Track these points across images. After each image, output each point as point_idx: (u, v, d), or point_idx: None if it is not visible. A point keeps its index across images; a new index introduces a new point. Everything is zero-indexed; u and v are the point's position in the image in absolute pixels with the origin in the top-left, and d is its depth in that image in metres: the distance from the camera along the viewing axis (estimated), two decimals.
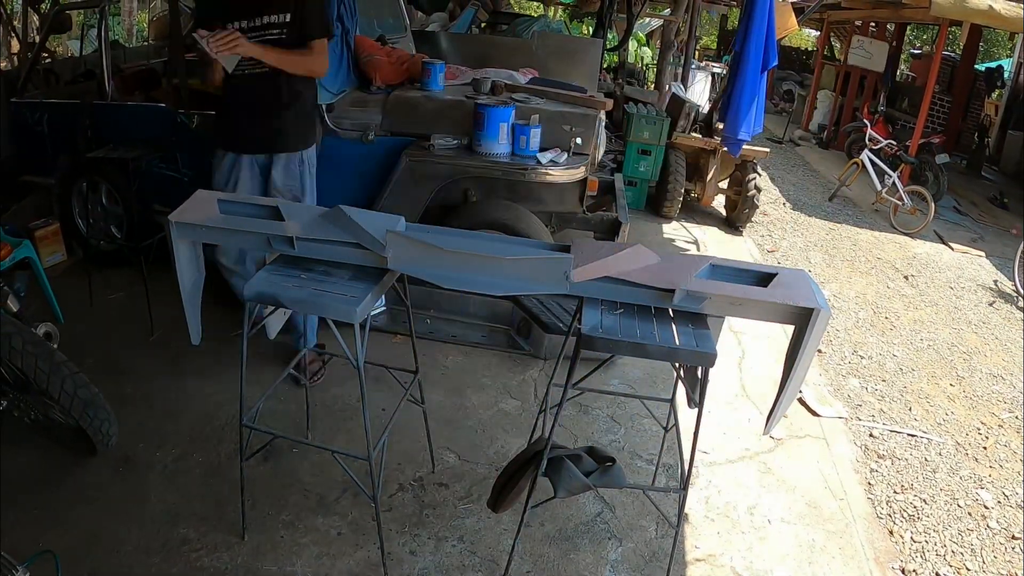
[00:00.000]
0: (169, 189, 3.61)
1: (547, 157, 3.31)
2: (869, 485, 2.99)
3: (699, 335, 1.83)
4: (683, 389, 2.03)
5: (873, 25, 11.57)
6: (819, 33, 14.38)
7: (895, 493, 2.97)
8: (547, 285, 1.85)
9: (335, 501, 2.42)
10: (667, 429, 2.47)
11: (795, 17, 7.15)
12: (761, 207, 6.34)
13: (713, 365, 1.80)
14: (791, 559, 2.43)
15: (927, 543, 2.72)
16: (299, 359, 2.53)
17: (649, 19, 12.19)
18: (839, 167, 8.61)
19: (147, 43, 7.73)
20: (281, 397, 2.85)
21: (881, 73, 10.40)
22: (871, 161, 7.57)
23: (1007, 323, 5.10)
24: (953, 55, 12.23)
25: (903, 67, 13.87)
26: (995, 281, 5.98)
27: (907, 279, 5.72)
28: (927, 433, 3.47)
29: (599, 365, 2.43)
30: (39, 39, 4.72)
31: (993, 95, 12.19)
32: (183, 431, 2.69)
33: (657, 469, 2.70)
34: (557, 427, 1.94)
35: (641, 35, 13.63)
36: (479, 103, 3.31)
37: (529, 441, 2.48)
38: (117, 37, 9.39)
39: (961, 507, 2.96)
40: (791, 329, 1.83)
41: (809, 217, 7.16)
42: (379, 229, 1.86)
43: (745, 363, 3.72)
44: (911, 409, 3.68)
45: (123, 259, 3.83)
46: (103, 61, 3.72)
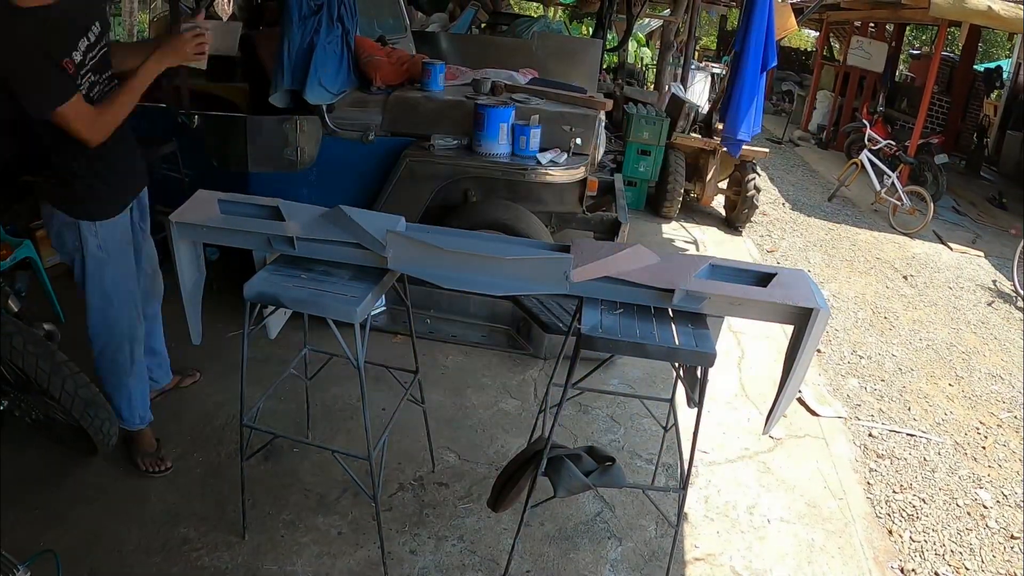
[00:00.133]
0: (170, 189, 3.60)
1: (547, 157, 3.32)
2: (868, 485, 3.00)
3: (698, 335, 1.84)
4: (683, 389, 2.03)
5: (872, 26, 11.60)
6: (818, 34, 14.40)
7: (894, 492, 2.98)
8: (547, 285, 1.86)
9: (335, 501, 2.42)
10: (667, 429, 2.47)
11: (794, 18, 7.17)
12: (760, 207, 6.35)
13: (712, 365, 1.81)
14: (790, 558, 2.44)
15: (926, 542, 2.72)
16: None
17: (649, 20, 12.20)
18: (838, 167, 8.62)
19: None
20: (281, 397, 2.86)
21: (880, 73, 10.42)
22: (870, 161, 7.58)
23: (1006, 323, 5.11)
24: (952, 55, 12.26)
25: (902, 67, 13.89)
26: (994, 281, 5.99)
27: (906, 279, 5.72)
28: (926, 433, 3.47)
29: (599, 365, 2.44)
30: None
31: (992, 95, 12.21)
32: (183, 431, 2.69)
33: (657, 469, 2.70)
34: (557, 427, 1.94)
35: (641, 36, 13.66)
36: (479, 103, 3.32)
37: (529, 441, 2.49)
38: (118, 37, 9.40)
39: (960, 507, 2.97)
40: (790, 329, 1.84)
41: (808, 217, 7.17)
42: (379, 229, 1.86)
43: (744, 363, 3.73)
44: (910, 409, 3.69)
45: None
46: None
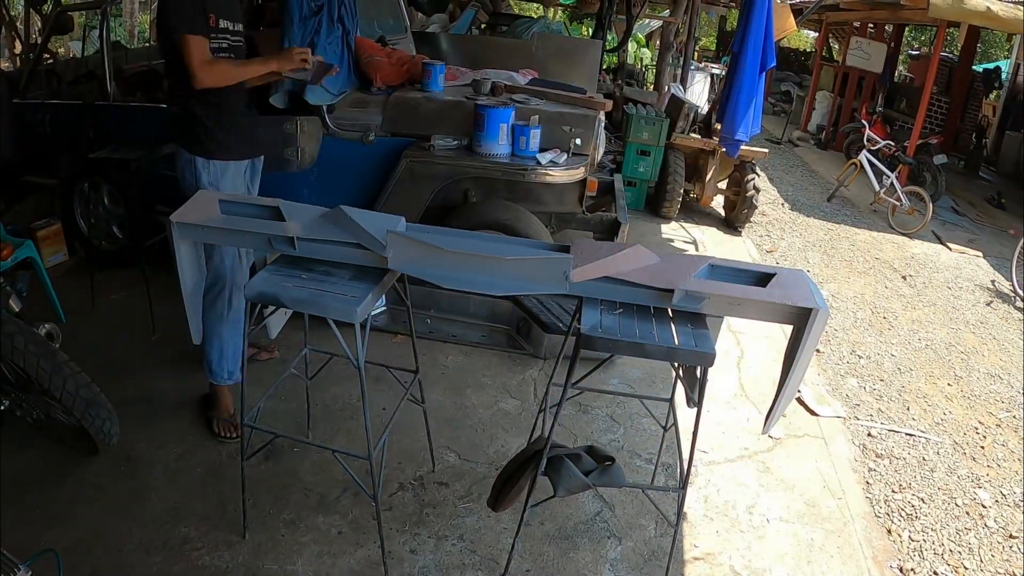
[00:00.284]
0: (170, 189, 3.61)
1: (547, 158, 3.32)
2: (867, 484, 3.00)
3: (698, 335, 1.84)
4: (682, 389, 2.04)
5: (871, 26, 11.60)
6: (817, 34, 14.40)
7: (893, 492, 2.98)
8: (547, 285, 1.86)
9: (336, 500, 2.42)
10: (666, 428, 2.48)
11: (793, 18, 7.19)
12: (760, 207, 6.36)
13: (712, 365, 1.81)
14: (789, 558, 2.44)
15: (925, 542, 2.73)
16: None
17: (648, 20, 12.20)
18: (837, 168, 8.62)
19: (149, 44, 7.74)
20: (282, 397, 2.86)
21: (879, 74, 10.42)
22: (869, 162, 7.58)
23: (1005, 323, 5.12)
24: (951, 56, 12.27)
25: (901, 68, 13.90)
26: (993, 281, 5.99)
27: (905, 279, 5.73)
28: (925, 432, 3.48)
29: (598, 365, 2.45)
30: (41, 40, 4.72)
31: (991, 96, 12.23)
32: (185, 430, 2.70)
33: (656, 468, 2.71)
34: (557, 426, 1.95)
35: (640, 36, 13.66)
36: (479, 104, 3.32)
37: (529, 440, 2.50)
38: (119, 38, 9.41)
39: (959, 506, 2.97)
40: (790, 329, 1.84)
41: (807, 217, 7.17)
42: (379, 229, 1.87)
43: (744, 363, 3.73)
44: (909, 408, 3.70)
45: (125, 259, 3.84)
46: (105, 62, 3.73)
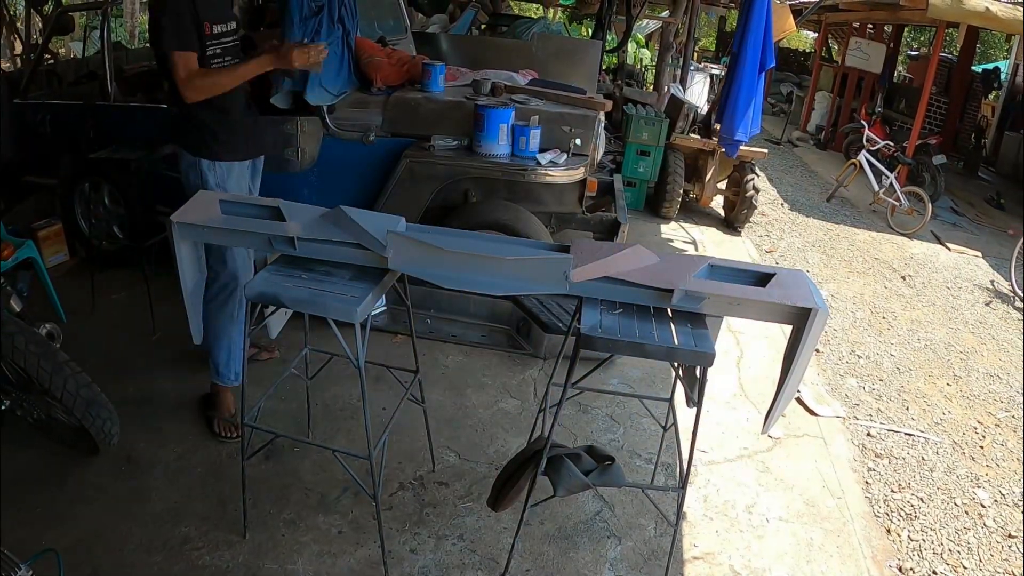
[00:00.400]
0: (171, 190, 3.62)
1: (547, 158, 3.33)
2: (867, 484, 3.01)
3: (698, 335, 1.85)
4: (682, 388, 2.05)
5: (870, 27, 11.61)
6: (817, 35, 14.42)
7: (892, 492, 2.99)
8: (547, 285, 1.87)
9: (336, 500, 2.43)
10: (666, 428, 2.48)
11: (793, 19, 7.20)
12: (759, 207, 6.36)
13: (711, 365, 1.82)
14: (789, 557, 2.45)
15: (924, 541, 2.74)
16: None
17: (648, 21, 12.21)
18: (837, 168, 8.63)
19: (149, 45, 7.73)
20: (282, 397, 2.86)
21: (878, 74, 10.43)
22: (868, 162, 7.59)
23: (1004, 323, 5.12)
24: (950, 57, 12.28)
25: (900, 69, 13.91)
26: (992, 281, 6.00)
27: (904, 279, 5.74)
28: (924, 432, 3.49)
29: (598, 365, 2.45)
30: (42, 40, 4.72)
31: (990, 96, 12.25)
32: (185, 430, 2.70)
33: (656, 468, 2.71)
34: (557, 426, 1.95)
35: (640, 37, 13.68)
36: (479, 104, 3.33)
37: (529, 440, 2.50)
38: (119, 39, 9.41)
39: (958, 506, 2.98)
40: (789, 329, 1.85)
41: (807, 217, 7.18)
42: (380, 229, 1.87)
43: (743, 363, 3.74)
44: (908, 408, 3.70)
45: (125, 259, 3.85)
46: (105, 62, 3.73)
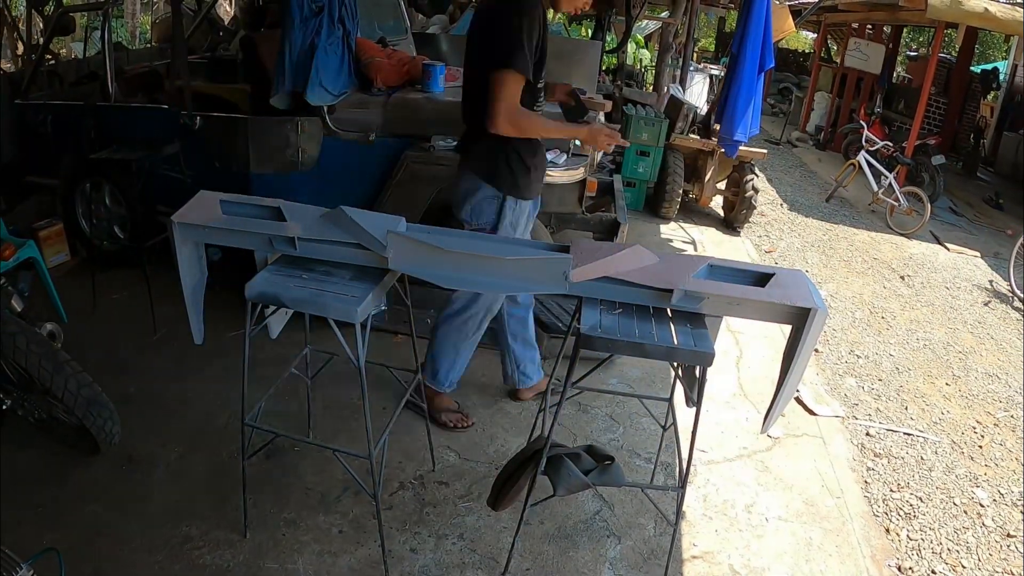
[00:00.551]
0: (172, 190, 3.63)
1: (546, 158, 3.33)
2: (866, 483, 3.02)
3: (697, 335, 1.85)
4: (681, 388, 2.05)
5: (870, 27, 11.62)
6: (816, 35, 14.43)
7: (891, 491, 3.00)
8: (546, 285, 1.87)
9: (336, 499, 2.43)
10: (665, 428, 2.49)
11: (792, 19, 7.20)
12: (759, 208, 6.37)
13: (711, 364, 1.82)
14: (788, 556, 2.46)
15: (923, 541, 2.74)
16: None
17: (648, 21, 12.21)
18: (836, 168, 8.64)
19: (150, 45, 7.75)
20: (283, 396, 2.86)
21: (878, 75, 10.44)
22: (868, 162, 7.61)
23: (1002, 323, 5.13)
24: (949, 57, 12.29)
25: (899, 69, 13.93)
26: (990, 281, 6.01)
27: (903, 279, 5.75)
28: (923, 432, 3.49)
29: (598, 364, 2.46)
30: (43, 41, 4.72)
31: (988, 97, 12.27)
32: (186, 430, 2.71)
33: (656, 467, 2.72)
34: (556, 426, 1.95)
35: (640, 37, 13.68)
36: None
37: (529, 440, 2.51)
38: (120, 39, 9.42)
39: (957, 505, 2.99)
40: (788, 329, 1.85)
41: (806, 218, 7.19)
42: (380, 229, 1.87)
43: (743, 362, 3.74)
44: (907, 408, 3.71)
45: (126, 259, 3.85)
46: (106, 63, 3.73)
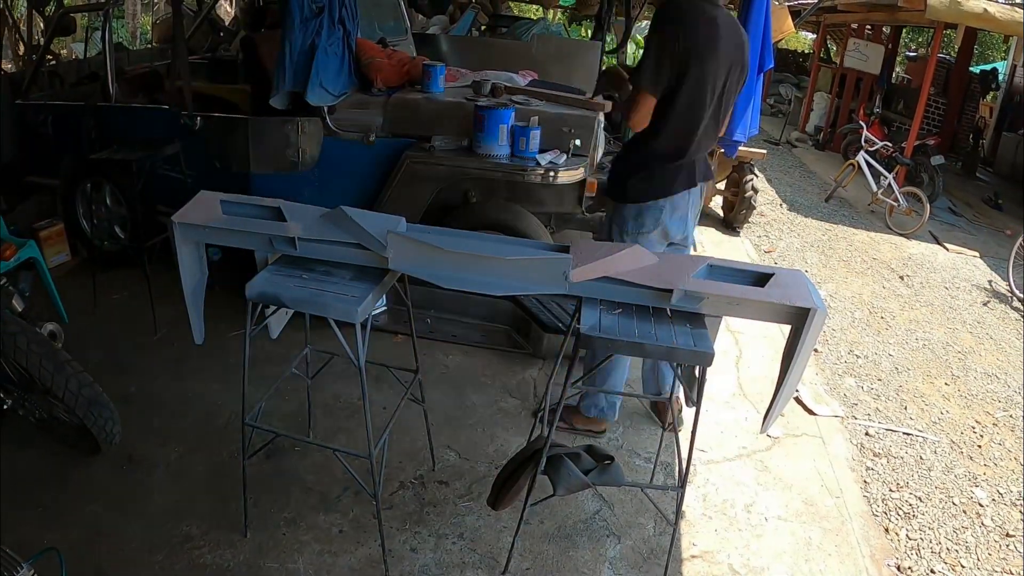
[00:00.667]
0: (172, 190, 3.63)
1: (546, 159, 3.34)
2: (865, 483, 3.02)
3: (697, 335, 1.86)
4: (681, 388, 2.06)
5: (869, 28, 11.62)
6: (815, 36, 14.44)
7: (891, 491, 3.00)
8: (546, 285, 1.88)
9: (336, 499, 2.44)
10: (665, 428, 2.50)
11: (791, 20, 7.19)
12: (758, 208, 6.37)
13: (711, 364, 1.83)
14: (787, 556, 2.46)
15: (922, 540, 2.75)
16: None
17: (648, 22, 12.23)
18: (835, 168, 8.64)
19: (151, 46, 7.75)
20: (283, 396, 2.87)
21: (877, 75, 10.44)
22: (867, 163, 7.61)
23: (1001, 323, 5.14)
24: (948, 58, 12.28)
25: (898, 69, 13.92)
26: (989, 281, 6.02)
27: (902, 279, 5.75)
28: (922, 432, 3.50)
29: (598, 364, 2.46)
30: (44, 42, 4.72)
31: (988, 97, 12.27)
32: (186, 429, 2.71)
33: (655, 467, 2.72)
34: (556, 425, 1.96)
35: (640, 38, 13.67)
36: (479, 105, 3.34)
37: (528, 439, 2.51)
38: (121, 40, 9.43)
39: (956, 505, 2.99)
40: (788, 329, 1.86)
41: (805, 218, 7.19)
42: (380, 230, 1.88)
43: (742, 362, 3.75)
44: (906, 408, 3.71)
45: (127, 259, 3.86)
46: (107, 63, 3.74)
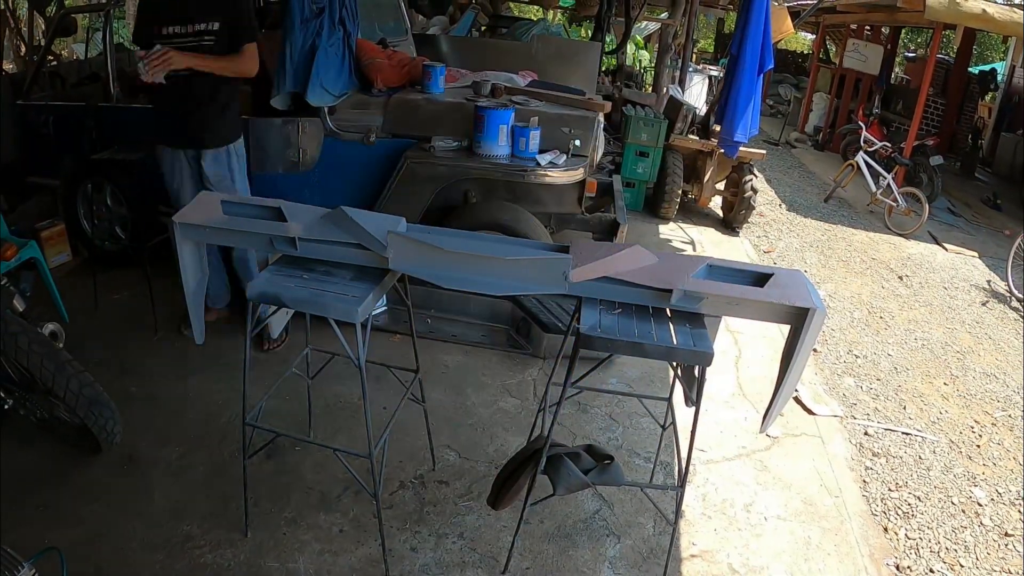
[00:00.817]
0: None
1: (546, 159, 3.34)
2: (864, 483, 3.03)
3: (696, 335, 1.86)
4: (680, 388, 2.06)
5: (868, 28, 11.63)
6: (815, 36, 14.44)
7: (890, 491, 3.01)
8: (546, 285, 1.88)
9: (337, 499, 2.44)
10: (664, 427, 2.50)
11: (791, 20, 7.21)
12: (757, 208, 6.38)
13: (710, 364, 1.83)
14: (787, 555, 2.46)
15: (921, 540, 2.75)
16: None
17: (647, 23, 12.23)
18: (834, 169, 8.65)
19: None
20: (283, 396, 2.87)
21: (876, 76, 10.45)
22: (866, 163, 7.61)
23: (1000, 323, 5.15)
24: (947, 58, 12.29)
25: (898, 70, 13.94)
26: (988, 281, 6.02)
27: (901, 279, 5.76)
28: (921, 431, 3.51)
29: (598, 364, 2.46)
30: (45, 42, 4.73)
31: (986, 98, 12.29)
32: (187, 429, 2.72)
33: (655, 467, 2.73)
34: (556, 425, 1.97)
35: (639, 38, 13.69)
36: (479, 105, 3.34)
37: (528, 439, 2.51)
38: (122, 40, 9.41)
39: (955, 504, 3.00)
40: (787, 329, 1.86)
41: (805, 218, 7.20)
42: (380, 230, 1.89)
43: (742, 362, 3.75)
44: (905, 408, 3.72)
45: (127, 259, 3.86)
46: (108, 64, 3.75)
